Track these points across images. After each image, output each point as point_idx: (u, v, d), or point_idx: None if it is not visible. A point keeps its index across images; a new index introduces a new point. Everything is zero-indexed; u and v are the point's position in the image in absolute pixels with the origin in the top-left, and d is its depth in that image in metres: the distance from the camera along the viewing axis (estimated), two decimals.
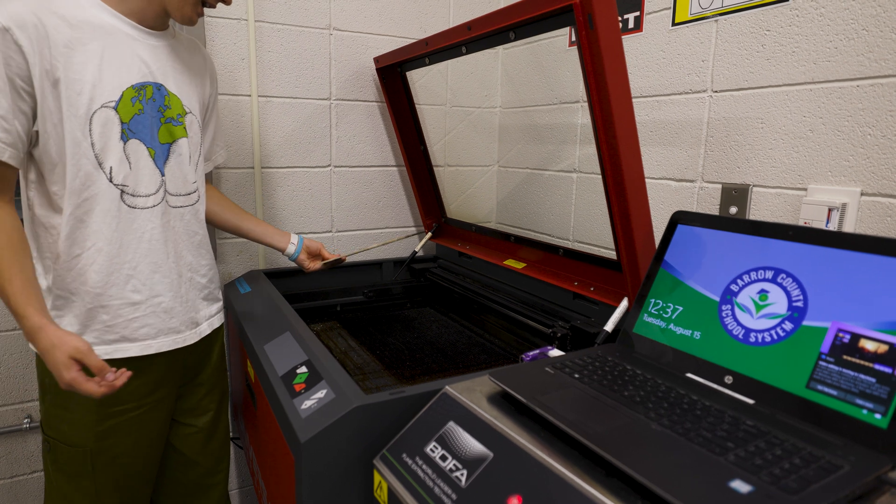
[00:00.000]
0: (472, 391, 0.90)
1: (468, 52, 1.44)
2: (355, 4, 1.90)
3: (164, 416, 1.31)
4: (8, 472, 1.72)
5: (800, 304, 0.82)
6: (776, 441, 0.70)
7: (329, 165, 1.96)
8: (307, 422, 0.91)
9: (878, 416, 0.69)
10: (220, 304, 1.42)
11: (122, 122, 1.13)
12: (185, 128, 1.25)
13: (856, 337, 0.75)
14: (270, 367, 1.14)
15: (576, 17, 1.00)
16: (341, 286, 1.88)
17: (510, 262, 1.62)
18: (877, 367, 0.71)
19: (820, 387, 0.75)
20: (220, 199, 1.54)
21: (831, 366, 0.75)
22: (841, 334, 0.76)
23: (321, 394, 0.96)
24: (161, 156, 1.20)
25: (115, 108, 1.12)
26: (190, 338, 1.29)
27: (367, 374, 1.34)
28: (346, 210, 2.02)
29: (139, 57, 1.16)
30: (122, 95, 1.13)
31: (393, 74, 1.86)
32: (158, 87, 1.19)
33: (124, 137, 1.13)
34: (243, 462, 1.97)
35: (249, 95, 1.78)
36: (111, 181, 1.13)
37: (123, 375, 1.05)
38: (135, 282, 1.18)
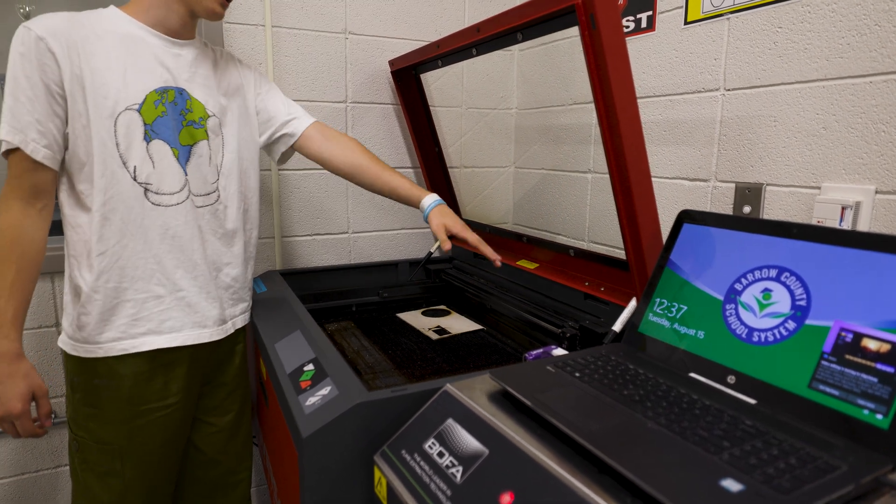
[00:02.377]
0: (473, 389, 0.90)
1: (479, 54, 1.45)
2: (371, 8, 1.92)
3: (188, 415, 1.33)
4: (32, 467, 1.75)
5: (803, 302, 0.81)
6: (774, 441, 0.69)
7: None
8: (310, 417, 0.92)
9: (879, 416, 0.68)
10: (247, 304, 1.44)
11: (144, 124, 1.17)
12: (206, 131, 1.28)
13: (858, 336, 0.73)
14: (280, 364, 1.15)
15: (578, 17, 1.00)
16: (357, 286, 1.89)
17: (523, 263, 1.62)
18: (878, 366, 0.70)
19: (822, 387, 0.74)
20: (353, 150, 1.47)
21: (833, 365, 0.74)
22: (843, 333, 0.75)
23: (325, 391, 0.98)
24: (183, 156, 1.24)
25: (139, 111, 1.17)
26: (216, 334, 1.32)
27: (377, 373, 1.35)
28: (363, 211, 2.04)
29: (161, 63, 1.21)
30: (145, 98, 1.18)
31: (408, 77, 1.88)
32: (180, 92, 1.23)
33: (147, 138, 1.18)
34: (259, 459, 2.00)
35: None
36: (135, 180, 1.17)
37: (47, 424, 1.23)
38: (159, 276, 1.22)
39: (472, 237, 1.36)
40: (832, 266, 0.80)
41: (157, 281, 1.22)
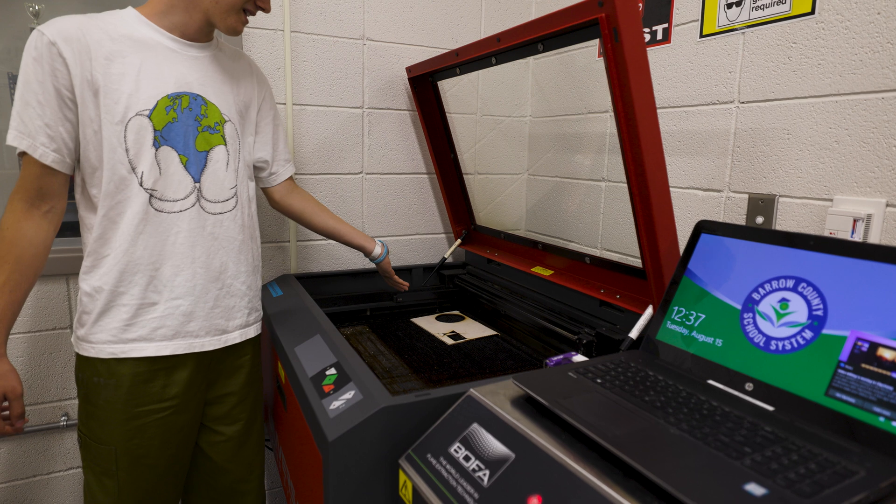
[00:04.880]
0: (496, 394, 0.92)
1: (497, 63, 1.48)
2: (389, 15, 1.95)
3: (191, 420, 1.32)
4: (45, 469, 1.76)
5: (820, 312, 0.83)
6: (793, 447, 0.71)
7: (361, 172, 2.00)
8: (335, 421, 0.94)
9: (895, 423, 0.70)
10: (259, 314, 1.43)
11: (154, 130, 1.18)
12: (222, 136, 1.28)
13: (874, 346, 0.76)
14: (301, 368, 1.17)
15: (601, 30, 1.03)
16: (372, 291, 1.92)
17: (538, 270, 1.64)
18: (894, 375, 0.72)
19: (838, 394, 0.77)
20: (311, 202, 1.61)
21: (850, 374, 0.76)
22: (860, 343, 0.77)
23: (349, 395, 1.00)
24: (195, 163, 1.23)
25: (149, 117, 1.17)
26: (211, 344, 1.30)
27: (395, 377, 1.37)
28: (377, 216, 2.06)
29: (176, 69, 1.21)
30: (156, 104, 1.18)
31: (424, 84, 1.90)
32: (195, 97, 1.23)
33: (156, 144, 1.18)
34: (272, 463, 2.01)
35: (284, 104, 1.83)
36: (141, 185, 1.18)
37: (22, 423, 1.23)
38: (156, 283, 1.22)
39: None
40: (848, 277, 0.82)
41: (154, 288, 1.22)
